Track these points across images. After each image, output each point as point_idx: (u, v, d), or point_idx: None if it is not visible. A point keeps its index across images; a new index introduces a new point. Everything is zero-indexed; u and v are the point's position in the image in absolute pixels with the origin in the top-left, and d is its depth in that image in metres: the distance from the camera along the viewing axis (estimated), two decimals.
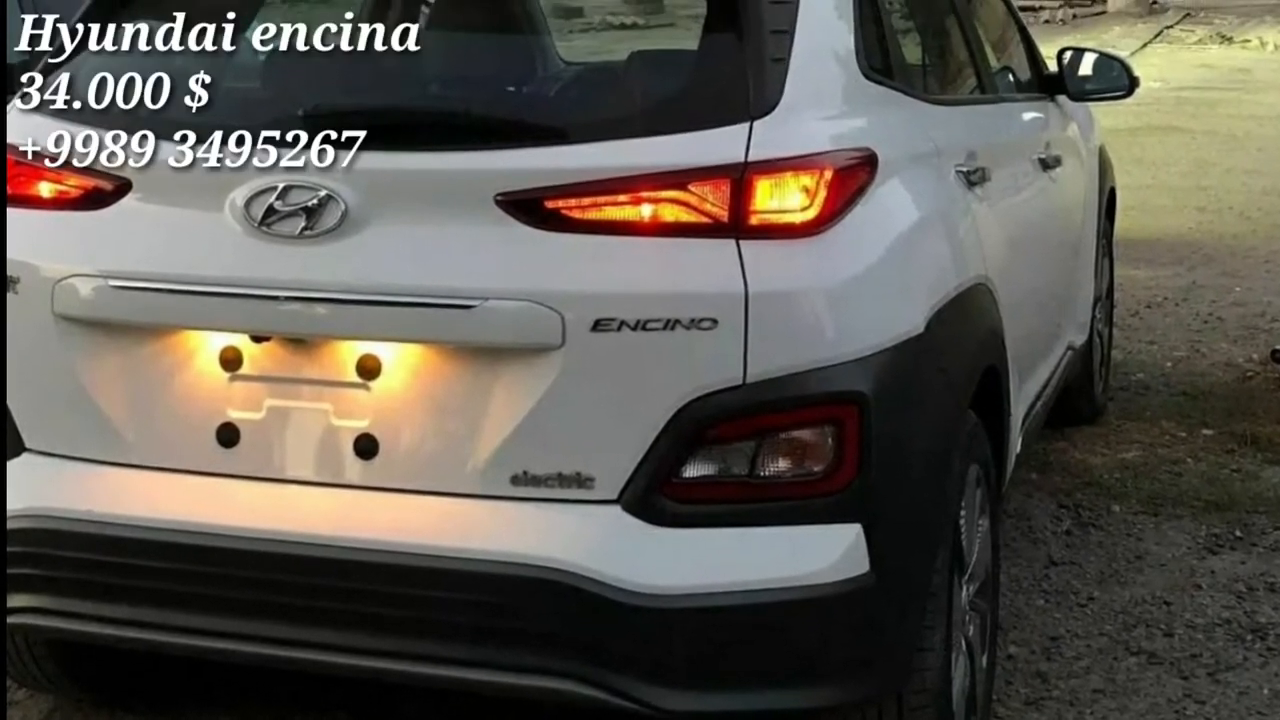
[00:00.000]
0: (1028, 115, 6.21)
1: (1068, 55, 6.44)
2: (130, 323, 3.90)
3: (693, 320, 3.58)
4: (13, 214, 3.90)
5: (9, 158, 3.94)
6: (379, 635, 3.73)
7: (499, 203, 3.67)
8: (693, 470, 3.65)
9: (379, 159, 3.75)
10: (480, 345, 3.70)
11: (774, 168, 3.66)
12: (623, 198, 3.65)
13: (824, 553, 3.68)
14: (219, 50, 3.97)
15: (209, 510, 3.84)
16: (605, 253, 3.64)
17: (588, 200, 3.65)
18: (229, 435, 3.85)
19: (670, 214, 3.63)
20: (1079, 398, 7.10)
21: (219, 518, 3.82)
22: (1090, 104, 6.95)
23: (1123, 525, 6.17)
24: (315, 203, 3.71)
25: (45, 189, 3.97)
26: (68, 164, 3.90)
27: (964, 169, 4.60)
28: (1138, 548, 5.95)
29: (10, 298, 3.91)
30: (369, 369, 3.76)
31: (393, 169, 3.77)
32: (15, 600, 3.88)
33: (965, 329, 4.24)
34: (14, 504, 3.86)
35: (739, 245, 3.61)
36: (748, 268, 3.60)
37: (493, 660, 3.68)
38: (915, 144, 4.35)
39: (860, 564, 3.68)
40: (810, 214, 3.67)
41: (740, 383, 3.60)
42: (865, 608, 3.71)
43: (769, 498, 3.68)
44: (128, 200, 3.89)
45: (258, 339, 3.82)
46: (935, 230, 4.26)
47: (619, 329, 3.59)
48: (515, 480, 3.69)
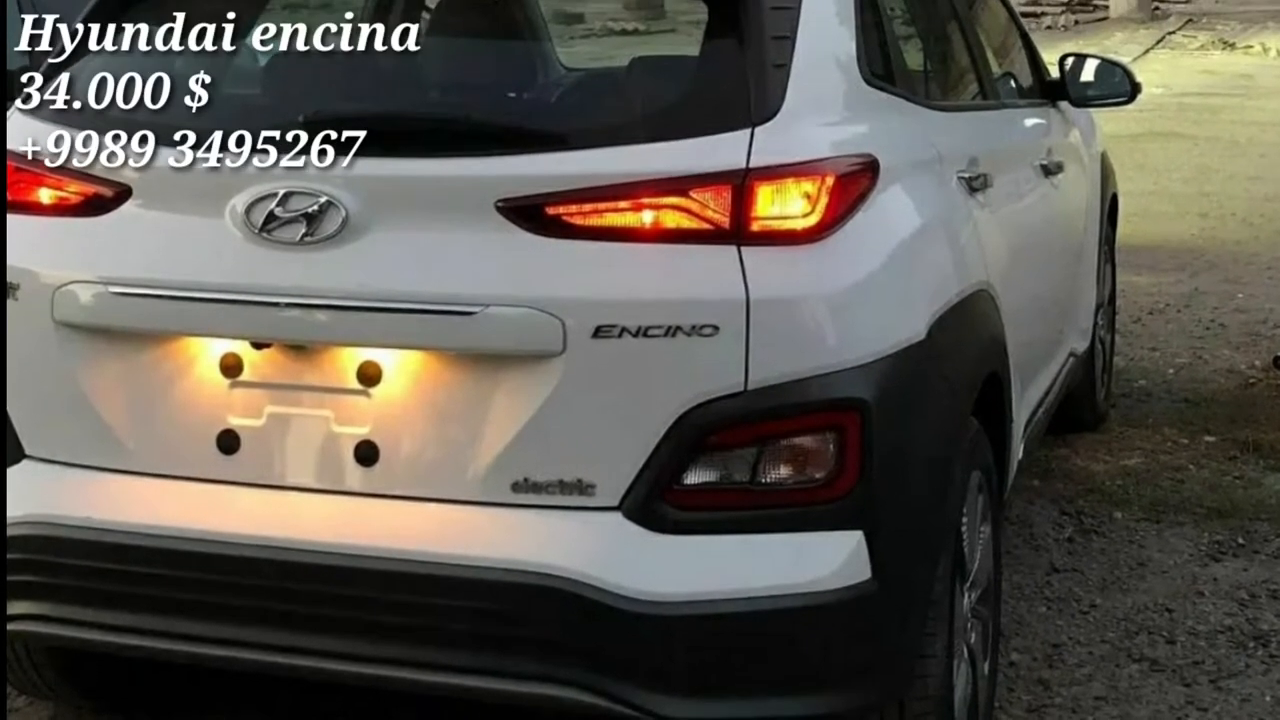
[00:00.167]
0: (1030, 121, 6.21)
1: (1070, 61, 6.44)
2: (131, 329, 3.89)
3: (694, 327, 3.57)
4: (13, 220, 3.90)
5: (9, 164, 3.94)
6: (379, 642, 3.72)
7: (500, 209, 3.66)
8: (694, 477, 3.64)
9: (380, 165, 3.75)
10: (481, 352, 3.69)
11: (775, 174, 3.65)
12: (624, 204, 3.64)
13: (826, 560, 3.67)
14: (219, 56, 3.98)
15: (209, 517, 3.83)
16: (606, 259, 3.63)
17: (589, 206, 3.65)
18: (229, 442, 3.84)
19: (671, 220, 3.62)
20: (1081, 404, 7.09)
21: (219, 525, 3.82)
22: (1092, 110, 6.94)
23: (1125, 532, 6.16)
24: (316, 209, 3.71)
25: (46, 195, 3.96)
26: (67, 165, 3.89)
27: (966, 175, 4.59)
28: (1140, 555, 5.95)
29: (10, 304, 3.90)
30: (370, 376, 3.75)
31: (393, 175, 3.76)
32: (15, 607, 3.87)
33: (967, 335, 4.23)
34: (14, 511, 3.85)
35: (740, 252, 3.60)
36: (749, 274, 3.59)
37: (493, 667, 3.68)
38: (917, 150, 4.35)
39: (862, 571, 3.68)
40: (812, 220, 3.67)
41: (742, 389, 3.60)
42: (867, 615, 3.70)
43: (770, 504, 3.67)
44: (128, 206, 3.89)
45: (258, 345, 3.82)
46: (937, 236, 4.26)
47: (620, 335, 3.58)
48: (516, 487, 3.69)
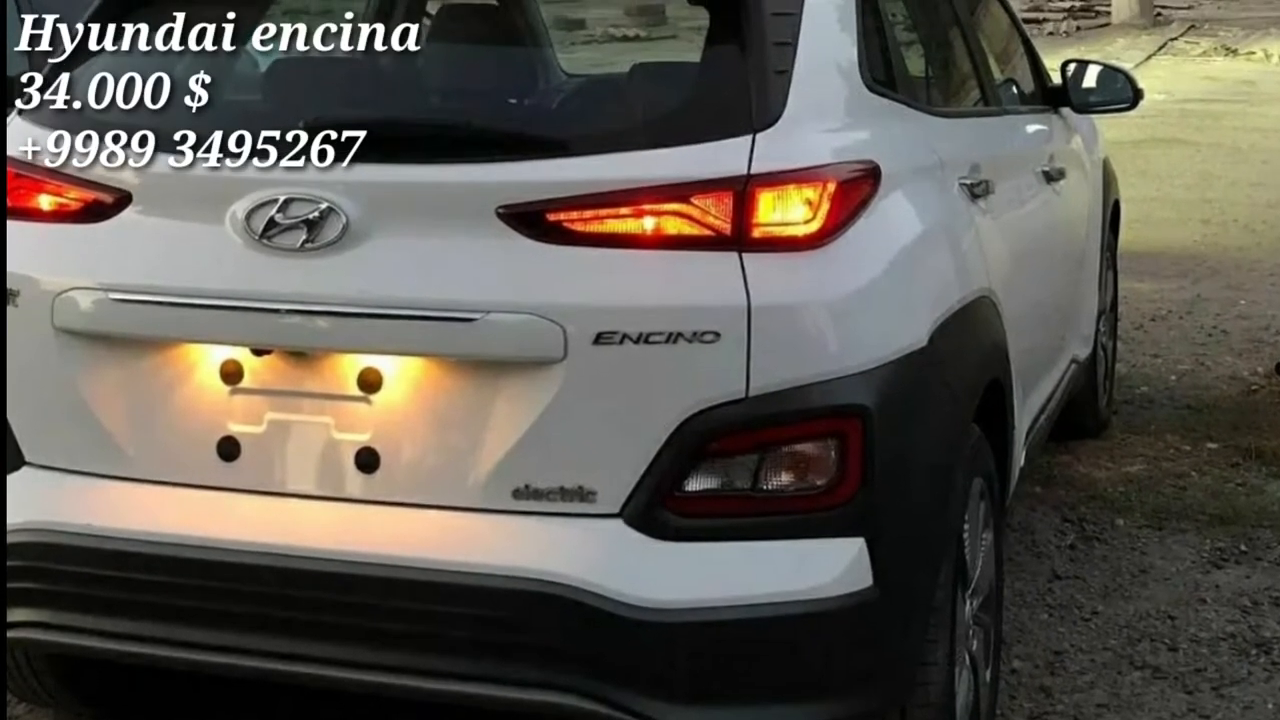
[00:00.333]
0: (1031, 128, 6.21)
1: (1072, 67, 6.44)
2: (131, 336, 3.89)
3: (695, 333, 3.57)
4: (13, 226, 3.89)
5: (9, 169, 3.94)
6: (380, 649, 3.72)
7: (501, 215, 3.66)
8: (695, 484, 3.63)
9: (380, 171, 3.75)
10: (482, 358, 3.69)
11: (777, 180, 3.65)
12: (625, 210, 3.64)
13: (827, 567, 3.67)
14: (219, 63, 3.98)
15: (210, 524, 3.83)
16: (607, 266, 3.63)
17: (590, 213, 3.64)
18: (230, 449, 3.84)
19: (673, 227, 3.62)
20: (1083, 411, 7.08)
21: (220, 531, 3.81)
22: (1094, 116, 6.94)
23: (1127, 539, 6.15)
24: (316, 215, 3.70)
25: (46, 201, 3.96)
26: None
27: (967, 181, 4.58)
28: (1142, 562, 5.94)
29: (10, 311, 3.90)
30: (370, 382, 3.75)
31: (394, 181, 3.76)
32: (15, 614, 3.87)
33: (969, 342, 4.23)
34: (14, 518, 3.85)
35: (741, 258, 3.60)
36: (750, 281, 3.59)
37: (494, 674, 3.67)
38: (918, 156, 4.34)
39: (863, 578, 3.67)
40: (813, 227, 3.66)
41: (743, 396, 3.59)
42: (868, 622, 3.69)
43: (772, 511, 3.66)
44: (128, 213, 3.89)
45: (259, 352, 3.81)
46: (938, 243, 4.25)
47: (621, 342, 3.58)
48: (517, 494, 3.68)
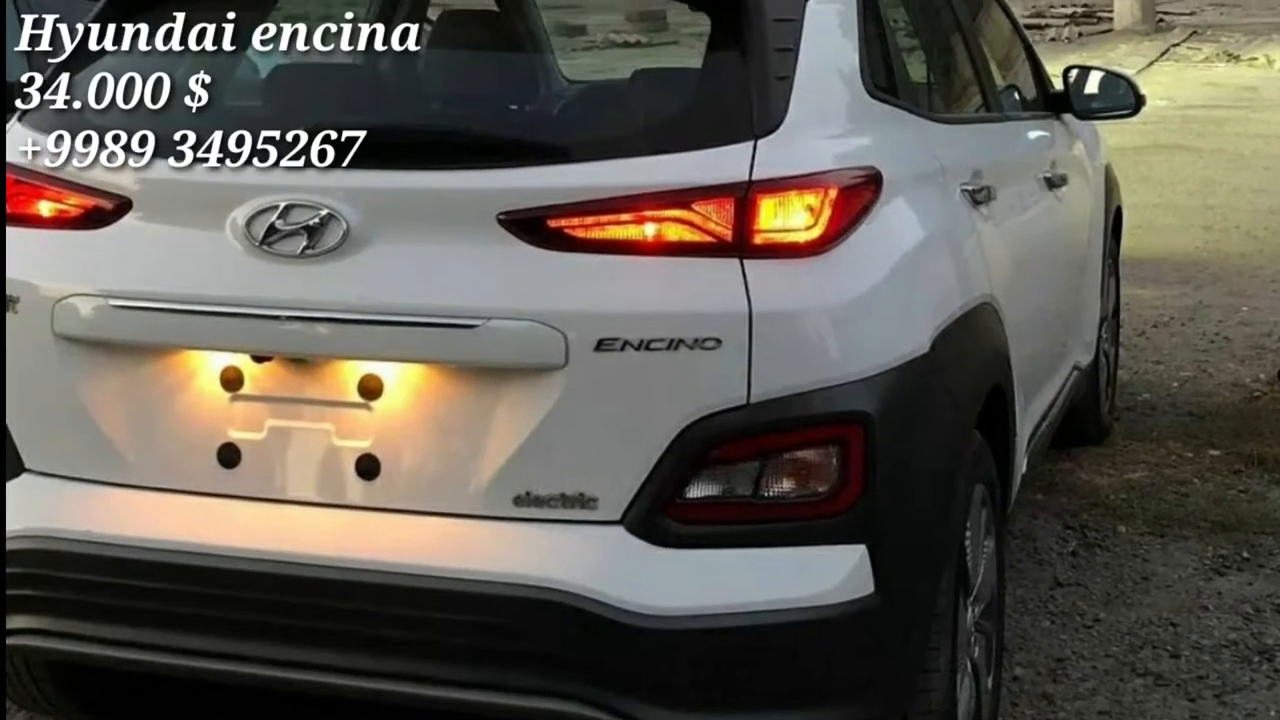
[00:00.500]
0: (1033, 134, 6.20)
1: (1074, 73, 6.43)
2: (131, 342, 3.88)
3: (696, 340, 3.56)
4: (13, 233, 3.89)
5: (9, 175, 3.93)
6: (380, 656, 3.71)
7: (501, 222, 3.65)
8: (696, 491, 3.63)
9: (381, 178, 3.75)
10: (483, 365, 3.68)
11: (778, 186, 3.65)
12: (626, 217, 3.63)
13: (828, 574, 3.66)
14: (219, 70, 3.98)
15: (210, 531, 3.83)
16: (608, 272, 3.63)
17: (591, 219, 3.64)
18: (230, 456, 3.83)
19: (674, 233, 3.62)
20: (1085, 418, 7.08)
21: (220, 538, 3.81)
22: (1096, 122, 6.94)
23: (1129, 546, 6.14)
24: (316, 222, 3.70)
25: (46, 208, 3.96)
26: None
27: (969, 188, 4.58)
28: (1144, 569, 5.93)
29: (10, 317, 3.90)
30: (371, 389, 3.74)
31: (395, 188, 3.76)
32: (15, 621, 3.87)
33: (970, 349, 4.22)
34: (14, 525, 3.85)
35: (743, 265, 3.60)
36: (751, 287, 3.58)
37: (495, 682, 3.67)
38: (920, 163, 4.34)
39: (865, 585, 3.67)
40: (814, 233, 3.66)
41: (744, 403, 3.59)
42: (870, 629, 3.69)
43: (773, 518, 3.66)
44: (128, 219, 3.88)
45: (259, 359, 3.81)
46: (940, 249, 4.25)
47: (622, 349, 3.57)
48: (518, 501, 3.68)
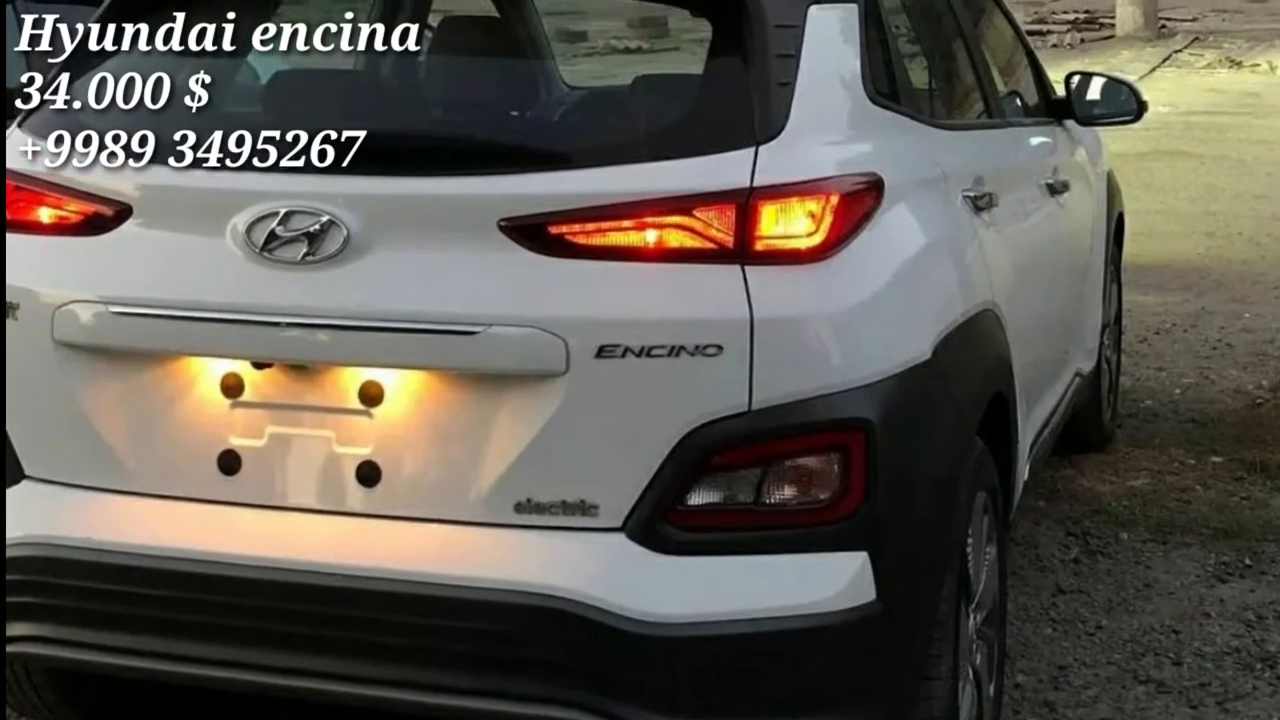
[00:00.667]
0: (1035, 140, 6.20)
1: (1075, 79, 6.43)
2: (131, 349, 3.88)
3: (698, 347, 3.56)
4: (13, 239, 3.89)
5: (9, 182, 3.93)
6: (381, 664, 3.71)
7: (502, 228, 3.65)
8: (697, 498, 3.63)
9: (382, 184, 3.74)
10: (484, 372, 3.68)
11: (779, 193, 3.64)
12: (627, 223, 3.63)
13: (830, 581, 3.66)
14: (220, 77, 3.98)
15: (210, 538, 3.82)
16: (609, 279, 3.62)
17: (592, 226, 3.64)
18: (230, 462, 3.82)
19: (675, 239, 3.61)
20: (1087, 424, 7.07)
21: (220, 545, 3.80)
22: (1098, 129, 6.93)
23: (1131, 553, 6.14)
24: (317, 228, 3.69)
25: (46, 214, 3.95)
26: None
27: (971, 194, 4.57)
28: (1146, 576, 5.92)
29: (10, 324, 3.89)
30: (371, 396, 3.73)
31: (395, 194, 3.75)
32: (15, 629, 3.86)
33: (972, 355, 4.22)
34: (13, 532, 3.84)
35: (744, 271, 3.59)
36: (753, 294, 3.58)
37: (496, 689, 3.66)
38: (922, 169, 4.33)
39: (866, 592, 3.66)
40: (816, 239, 3.65)
41: (745, 409, 3.58)
42: (871, 636, 3.68)
43: (774, 525, 3.65)
44: (128, 226, 3.88)
45: (259, 365, 3.80)
46: (942, 256, 4.24)
47: (623, 355, 3.57)
48: (519, 508, 3.67)
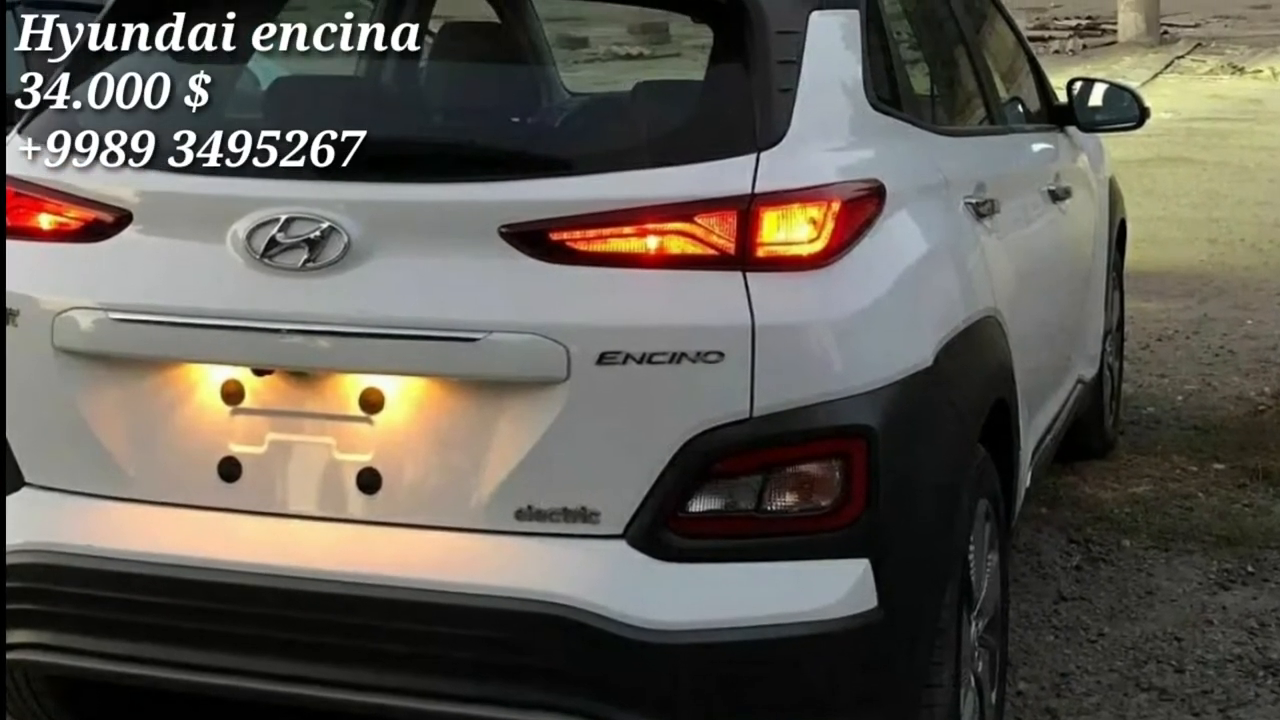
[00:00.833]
0: (1037, 146, 6.19)
1: (1078, 86, 6.42)
2: (131, 356, 3.87)
3: (699, 353, 3.55)
4: (13, 246, 3.88)
5: (9, 188, 3.92)
6: (382, 671, 3.70)
7: (503, 235, 3.64)
8: (699, 505, 3.62)
9: (382, 190, 3.74)
10: (484, 378, 3.67)
11: (781, 199, 3.64)
12: (628, 230, 3.63)
13: (832, 588, 3.65)
14: (219, 84, 3.97)
15: (210, 545, 3.81)
16: (611, 285, 3.62)
17: (593, 232, 3.63)
18: (231, 469, 3.82)
19: (676, 246, 3.61)
20: (1089, 431, 7.06)
21: (221, 553, 3.80)
22: (1100, 135, 6.93)
23: (1133, 560, 6.12)
24: (318, 235, 3.69)
25: (46, 220, 3.95)
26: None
27: (973, 200, 4.57)
28: (1148, 583, 5.91)
29: (10, 330, 3.89)
30: (372, 402, 3.73)
31: (396, 200, 3.75)
32: (15, 636, 3.85)
33: (974, 362, 4.21)
34: (13, 539, 3.83)
35: (746, 278, 3.59)
36: (754, 300, 3.57)
37: (497, 696, 3.65)
38: (924, 175, 4.33)
39: (868, 599, 3.65)
40: (818, 246, 3.65)
41: (747, 416, 3.58)
42: (873, 643, 3.68)
43: (776, 532, 3.65)
44: (128, 232, 3.87)
45: (260, 372, 3.80)
46: (944, 262, 4.24)
47: (624, 362, 3.56)
48: (520, 515, 3.66)
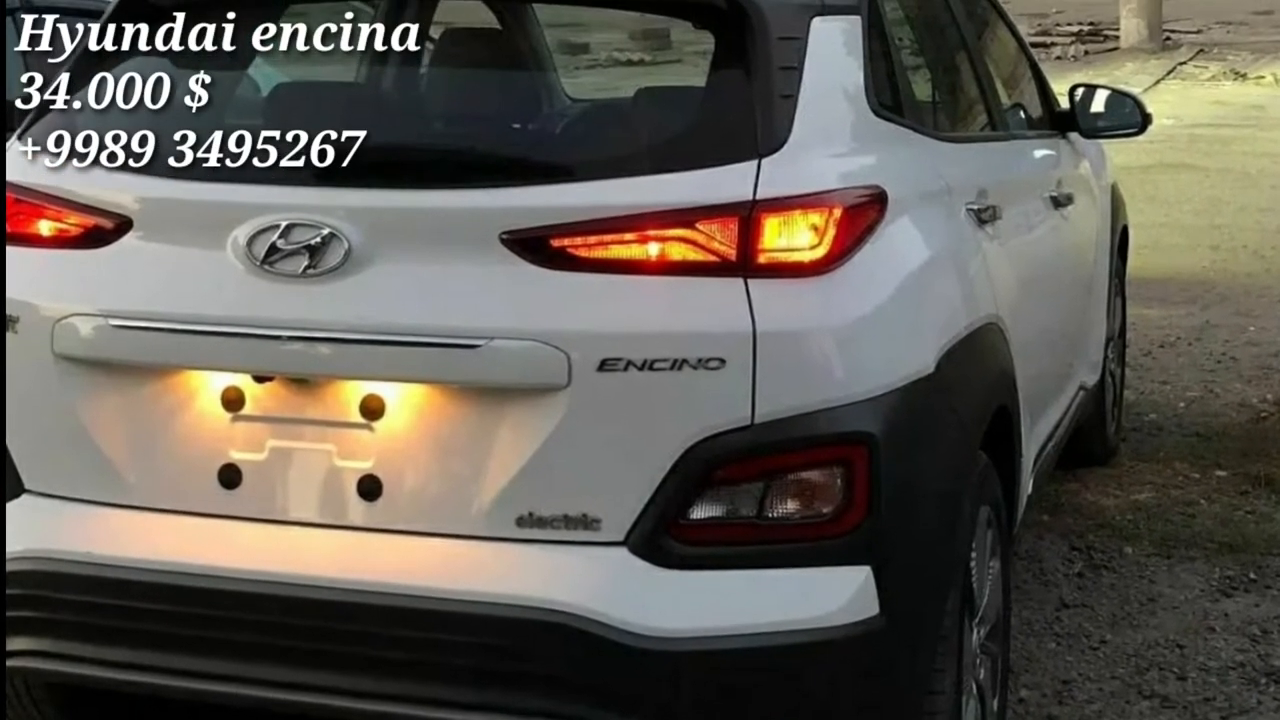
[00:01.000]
0: (1039, 153, 6.19)
1: (1080, 92, 6.42)
2: (131, 362, 3.87)
3: (700, 360, 3.55)
4: (12, 253, 3.88)
5: (9, 195, 3.92)
6: (383, 678, 3.69)
7: (504, 241, 3.64)
8: (700, 512, 3.61)
9: (383, 197, 3.74)
10: (485, 385, 3.67)
11: (782, 206, 3.63)
12: (629, 236, 3.62)
13: (833, 595, 3.64)
14: (219, 90, 3.97)
15: (211, 552, 3.81)
16: (612, 292, 3.61)
17: (594, 239, 3.63)
18: (231, 476, 3.81)
19: (677, 252, 3.60)
20: (1091, 438, 7.06)
21: (221, 560, 3.79)
22: (1102, 141, 6.92)
23: (1135, 567, 6.12)
24: (318, 241, 3.69)
25: (45, 227, 3.95)
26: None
27: (975, 207, 4.56)
28: (1150, 590, 5.90)
29: (10, 337, 3.88)
30: (372, 409, 3.72)
31: (397, 207, 3.75)
32: (15, 643, 3.85)
33: (976, 369, 4.21)
34: (13, 546, 3.83)
35: (747, 284, 3.58)
36: (756, 307, 3.57)
37: (498, 704, 3.65)
38: (925, 182, 4.32)
39: (870, 606, 3.65)
40: (819, 252, 3.64)
41: (748, 423, 3.57)
42: (875, 651, 3.67)
43: (777, 539, 3.64)
44: (128, 238, 3.87)
45: (260, 379, 3.79)
46: (945, 269, 4.23)
47: (625, 369, 3.56)
48: (521, 522, 3.66)
